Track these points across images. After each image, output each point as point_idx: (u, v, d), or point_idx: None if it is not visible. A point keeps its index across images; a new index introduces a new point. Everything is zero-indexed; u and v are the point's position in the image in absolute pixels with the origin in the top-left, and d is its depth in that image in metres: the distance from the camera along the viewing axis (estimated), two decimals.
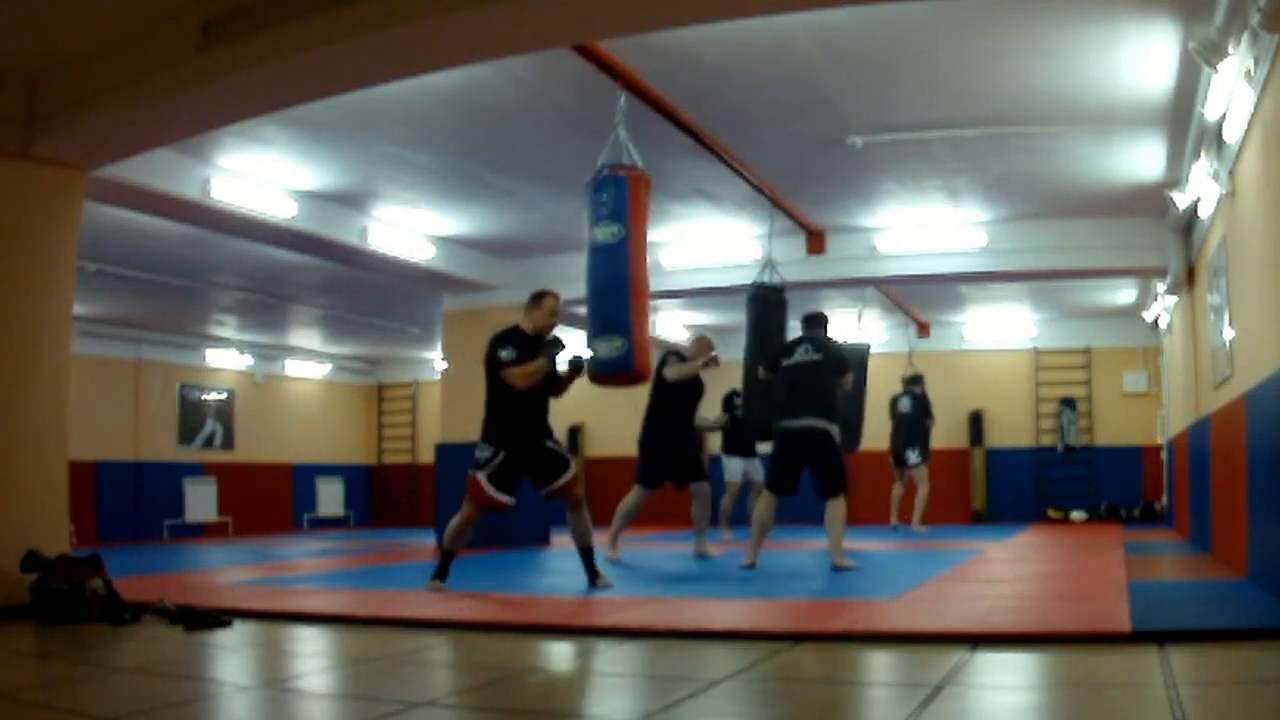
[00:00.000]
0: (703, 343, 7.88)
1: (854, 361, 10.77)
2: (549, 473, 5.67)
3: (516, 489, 5.65)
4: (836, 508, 6.48)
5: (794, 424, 6.53)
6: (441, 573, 5.65)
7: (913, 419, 11.34)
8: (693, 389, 7.70)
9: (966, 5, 4.98)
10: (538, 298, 5.83)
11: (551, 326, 5.77)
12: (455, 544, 5.69)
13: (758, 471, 10.07)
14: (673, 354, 7.88)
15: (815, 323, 6.95)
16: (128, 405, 13.32)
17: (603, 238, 5.45)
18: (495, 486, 5.55)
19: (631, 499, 7.73)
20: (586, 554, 5.77)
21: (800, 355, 6.69)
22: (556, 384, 5.76)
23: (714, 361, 7.58)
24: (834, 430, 6.54)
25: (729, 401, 10.51)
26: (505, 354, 5.57)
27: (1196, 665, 3.25)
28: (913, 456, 11.19)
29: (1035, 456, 13.74)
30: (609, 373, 5.42)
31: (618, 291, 5.40)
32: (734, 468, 10.54)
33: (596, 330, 5.42)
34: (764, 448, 8.34)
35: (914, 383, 11.68)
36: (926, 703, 2.78)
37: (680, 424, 7.74)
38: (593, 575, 5.73)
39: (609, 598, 5.24)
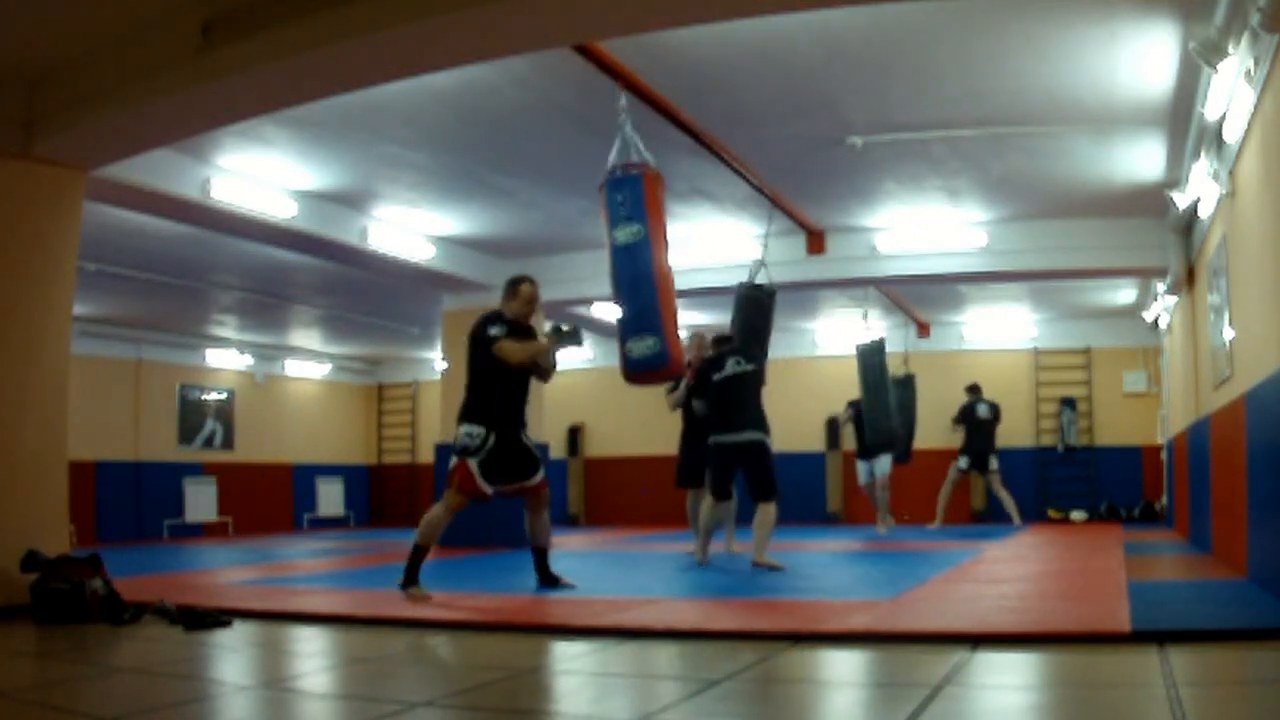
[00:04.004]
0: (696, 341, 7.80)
1: (874, 358, 10.93)
2: (521, 469, 5.44)
3: (497, 479, 5.37)
4: (768, 511, 6.62)
5: (734, 439, 6.66)
6: (414, 574, 5.21)
7: (992, 425, 11.95)
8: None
9: (966, 5, 4.98)
10: (514, 285, 5.62)
11: (530, 314, 5.61)
12: (432, 540, 5.28)
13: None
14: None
15: (728, 343, 7.02)
16: (128, 405, 13.31)
17: (624, 238, 5.38)
18: (484, 475, 5.27)
19: (704, 508, 7.43)
20: (541, 555, 5.63)
21: (731, 367, 6.76)
22: (544, 371, 5.61)
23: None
24: (769, 440, 6.68)
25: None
26: (495, 330, 5.39)
27: (1196, 665, 3.25)
28: (994, 462, 11.81)
29: (1035, 456, 13.72)
30: (644, 371, 5.35)
31: (644, 290, 5.35)
32: (862, 469, 11.16)
33: (628, 331, 5.35)
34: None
35: (977, 390, 12.14)
36: (926, 703, 2.78)
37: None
38: (548, 578, 5.59)
39: (610, 598, 5.24)
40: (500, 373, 5.39)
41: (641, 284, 5.36)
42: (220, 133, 6.21)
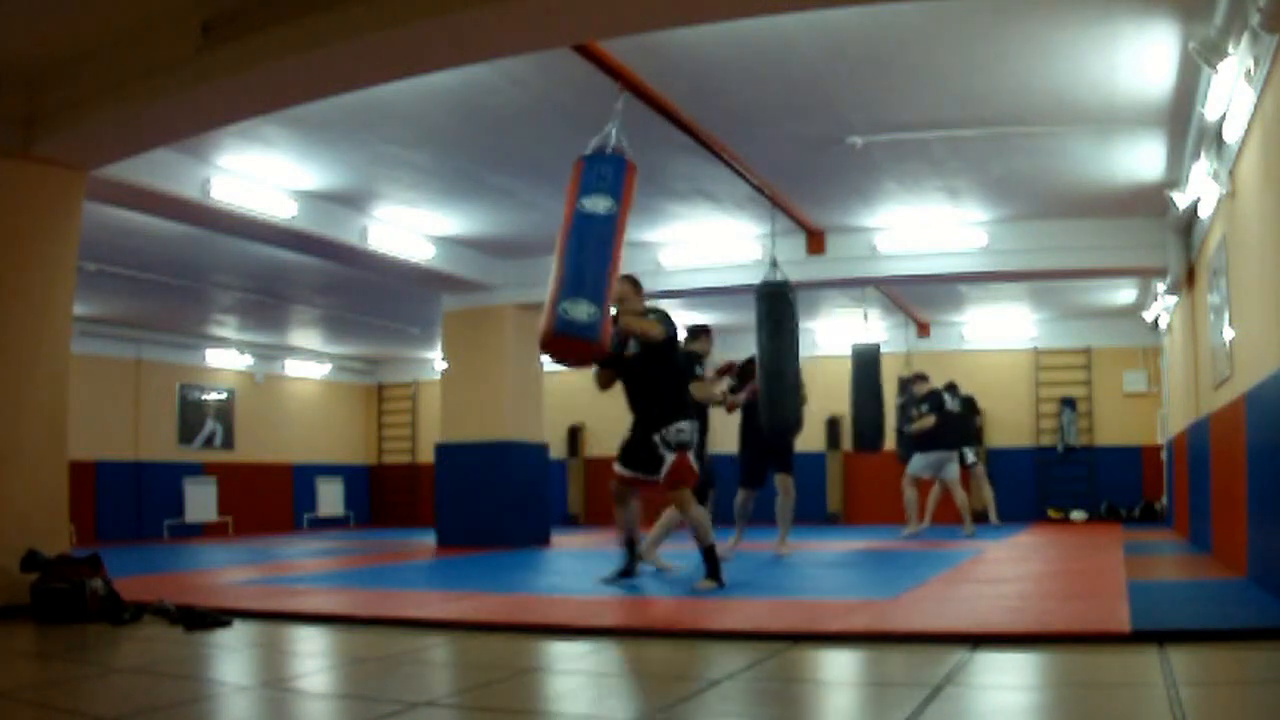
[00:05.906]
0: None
1: (864, 361, 10.92)
2: (649, 465, 5.77)
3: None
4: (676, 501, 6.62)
5: None
6: (716, 570, 5.57)
7: (961, 418, 11.66)
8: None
9: (967, 5, 4.98)
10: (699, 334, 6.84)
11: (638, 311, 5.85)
12: (711, 535, 5.66)
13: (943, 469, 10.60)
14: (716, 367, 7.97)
15: (691, 336, 7.09)
16: (128, 405, 13.31)
17: (593, 207, 5.17)
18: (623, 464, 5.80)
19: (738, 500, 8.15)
20: (705, 553, 5.68)
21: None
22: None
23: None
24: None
25: (937, 398, 10.86)
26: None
27: (1196, 665, 3.25)
28: (970, 456, 11.57)
29: (1035, 456, 13.73)
30: (573, 336, 4.94)
31: (600, 260, 5.12)
32: (925, 464, 10.77)
33: (568, 290, 4.99)
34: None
35: (954, 388, 11.90)
36: (926, 703, 2.78)
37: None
38: (711, 572, 5.62)
39: (611, 598, 5.25)
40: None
41: (601, 253, 5.12)
42: (220, 133, 6.22)
